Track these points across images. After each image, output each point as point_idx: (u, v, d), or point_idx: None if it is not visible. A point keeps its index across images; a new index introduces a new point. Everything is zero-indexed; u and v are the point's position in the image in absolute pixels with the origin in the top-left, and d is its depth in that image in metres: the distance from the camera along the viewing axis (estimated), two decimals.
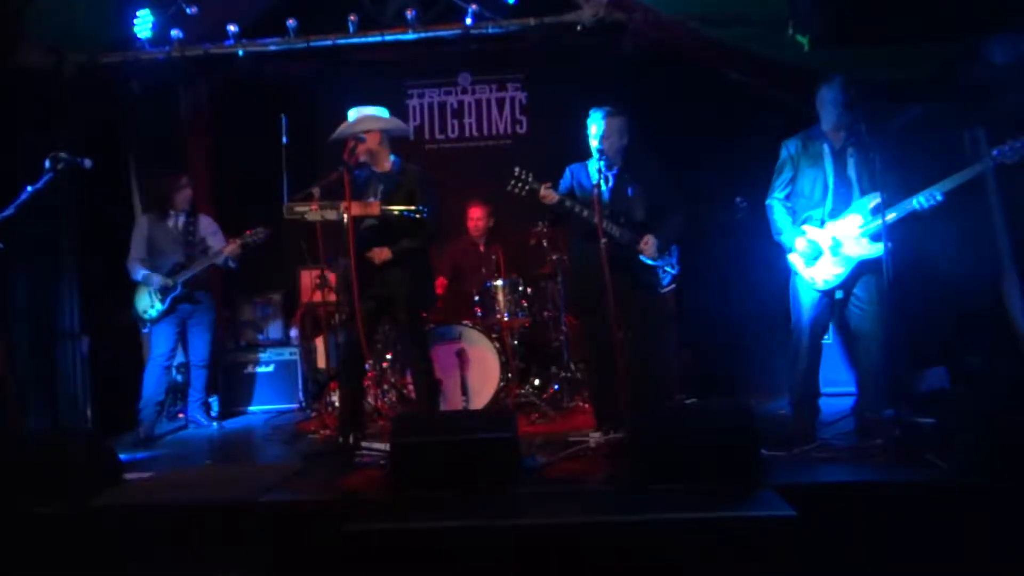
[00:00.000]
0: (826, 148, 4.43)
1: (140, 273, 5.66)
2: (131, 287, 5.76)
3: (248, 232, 5.71)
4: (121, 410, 5.68)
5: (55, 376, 5.68)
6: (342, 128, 4.86)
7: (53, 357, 5.69)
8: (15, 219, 4.66)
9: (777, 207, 4.57)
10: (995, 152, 4.12)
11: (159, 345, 5.77)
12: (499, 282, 6.01)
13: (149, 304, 5.69)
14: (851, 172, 4.40)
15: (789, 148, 4.55)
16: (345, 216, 4.60)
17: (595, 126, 4.70)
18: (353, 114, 4.91)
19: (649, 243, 4.66)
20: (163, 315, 5.69)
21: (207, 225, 6.00)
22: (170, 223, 5.84)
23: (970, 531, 3.28)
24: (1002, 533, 3.25)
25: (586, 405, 5.70)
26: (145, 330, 5.90)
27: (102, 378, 5.98)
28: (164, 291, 5.64)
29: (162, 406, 5.89)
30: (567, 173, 4.89)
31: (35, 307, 5.61)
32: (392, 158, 4.96)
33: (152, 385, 5.71)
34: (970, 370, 5.07)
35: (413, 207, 4.72)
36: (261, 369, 6.67)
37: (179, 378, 6.37)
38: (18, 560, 3.50)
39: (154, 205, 5.95)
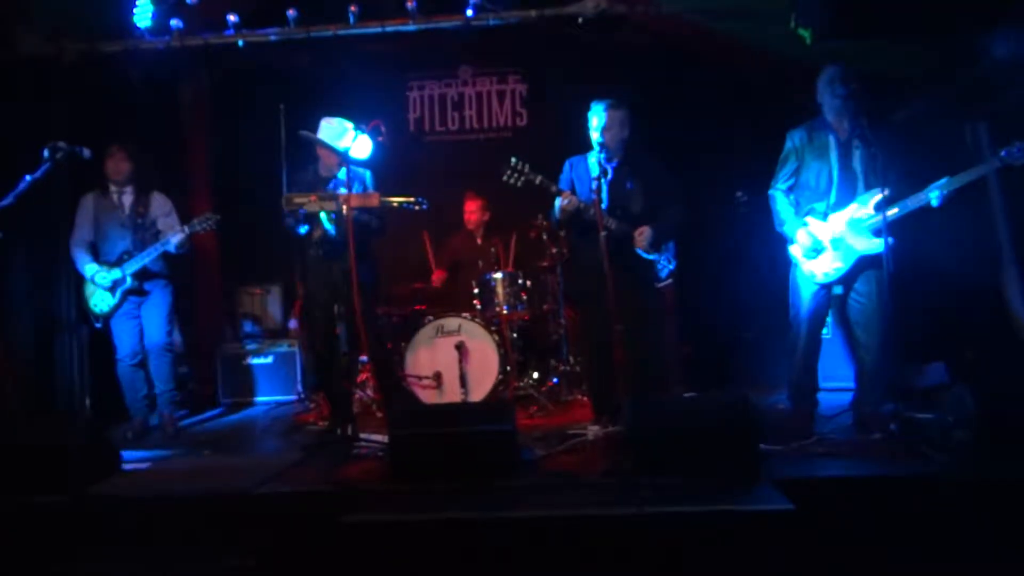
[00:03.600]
0: (832, 140, 4.41)
1: (87, 268, 5.21)
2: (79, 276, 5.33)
3: (196, 218, 5.27)
4: (119, 400, 5.66)
5: (53, 366, 5.67)
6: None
7: (51, 347, 5.69)
8: (14, 208, 4.65)
9: (780, 198, 4.56)
10: (1003, 153, 4.11)
11: (122, 345, 5.32)
12: (498, 275, 6.01)
13: (99, 299, 5.25)
14: (856, 165, 4.38)
15: (794, 139, 4.53)
16: (344, 208, 4.60)
17: (596, 118, 4.69)
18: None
19: (643, 234, 4.65)
20: (115, 310, 5.25)
21: (160, 205, 5.43)
22: (115, 199, 5.33)
23: (968, 526, 3.28)
24: (1000, 528, 3.25)
25: (584, 398, 5.70)
26: (98, 325, 5.31)
27: (100, 368, 5.97)
28: (114, 286, 5.20)
29: (150, 399, 5.51)
30: (566, 166, 4.88)
31: (33, 297, 5.61)
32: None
33: (128, 387, 5.37)
34: (969, 365, 5.07)
35: (412, 199, 4.72)
36: (260, 360, 6.67)
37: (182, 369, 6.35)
38: (15, 549, 3.50)
39: (96, 181, 5.38)
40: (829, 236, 4.37)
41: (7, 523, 3.57)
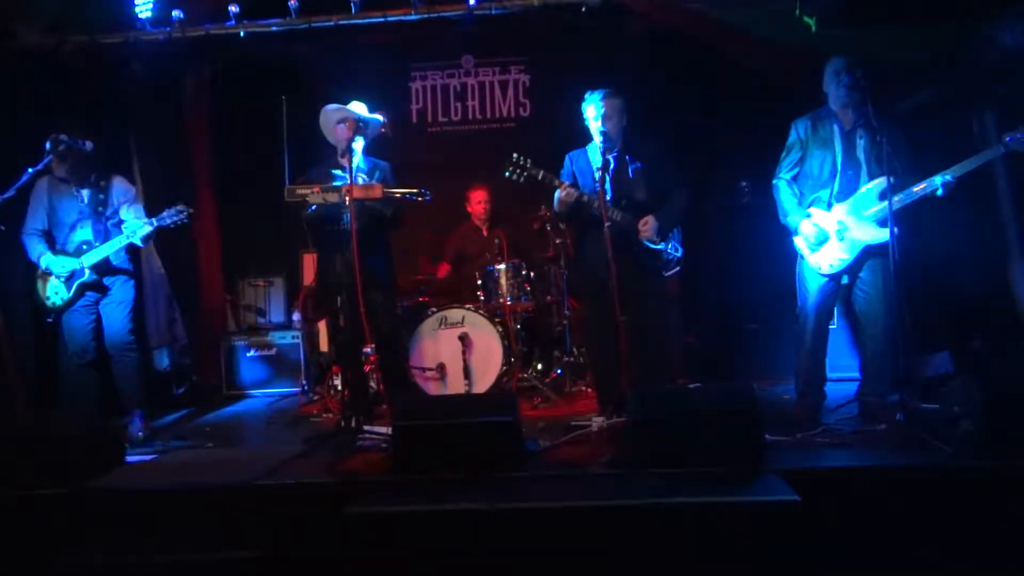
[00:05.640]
0: (836, 129, 4.38)
1: (42, 257, 4.84)
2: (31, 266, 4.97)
3: (166, 210, 4.84)
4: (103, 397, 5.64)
5: (57, 359, 5.66)
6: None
7: (54, 338, 5.68)
8: (16, 201, 4.64)
9: (783, 187, 4.53)
10: (1008, 138, 4.08)
11: (73, 340, 4.94)
12: (502, 266, 5.99)
13: (53, 291, 4.86)
14: (860, 154, 4.35)
15: (798, 128, 4.50)
16: (347, 199, 4.58)
17: (593, 108, 4.64)
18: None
19: (648, 224, 4.62)
20: (69, 304, 4.86)
21: (121, 192, 5.01)
22: (72, 186, 4.90)
23: (973, 515, 3.26)
24: (1005, 517, 3.24)
25: (588, 389, 5.69)
26: (48, 320, 4.96)
27: (105, 361, 5.96)
28: (70, 277, 4.82)
29: (106, 403, 5.07)
30: (567, 161, 4.86)
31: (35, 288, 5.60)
32: (361, 154, 4.99)
33: (72, 387, 5.03)
34: (975, 355, 5.05)
35: (415, 190, 4.71)
36: (263, 352, 6.67)
37: (166, 363, 6.31)
38: (17, 542, 3.50)
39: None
40: (833, 227, 4.34)
41: (8, 515, 3.57)
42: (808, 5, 4.89)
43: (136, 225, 4.84)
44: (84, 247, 4.86)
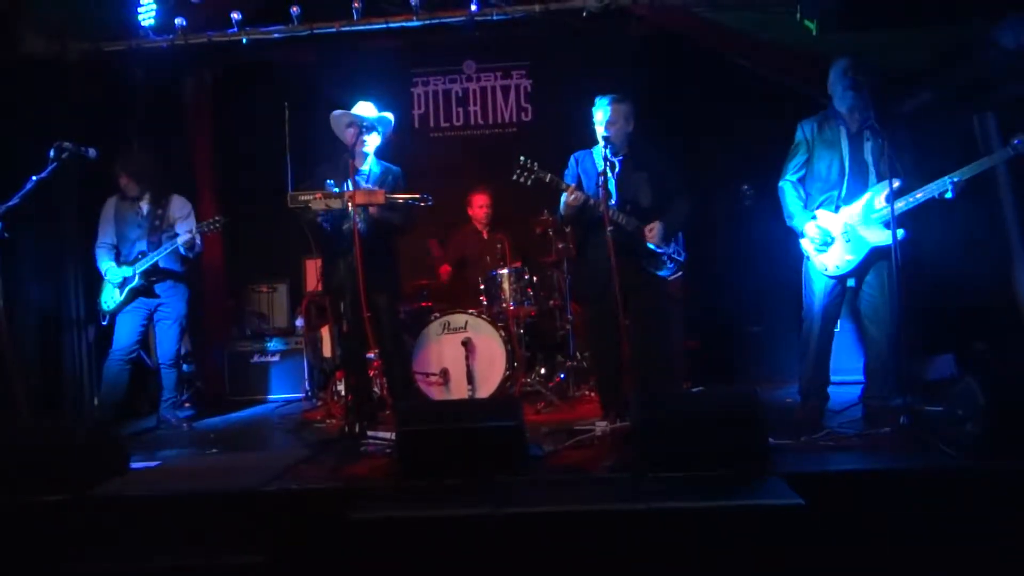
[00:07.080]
0: (843, 130, 4.38)
1: (104, 267, 5.39)
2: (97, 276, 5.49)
3: (204, 221, 5.41)
4: (126, 399, 5.66)
5: (61, 365, 5.68)
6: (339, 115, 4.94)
7: (59, 345, 5.70)
8: (20, 208, 4.66)
9: (789, 189, 4.53)
10: (1016, 141, 4.08)
11: (120, 338, 5.41)
12: (504, 271, 5.99)
13: (110, 295, 5.38)
14: (868, 156, 4.35)
15: (805, 130, 4.50)
16: (349, 204, 4.59)
17: (600, 112, 4.67)
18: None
19: (655, 230, 4.62)
20: (121, 306, 5.36)
21: (178, 208, 5.56)
22: (134, 203, 5.49)
23: (977, 518, 3.26)
24: (1008, 520, 3.23)
25: (592, 394, 5.69)
26: (104, 322, 5.46)
27: None
28: (123, 283, 5.33)
29: (119, 407, 5.49)
30: (572, 161, 4.86)
31: (40, 296, 5.62)
32: (374, 158, 5.03)
33: (110, 382, 5.40)
34: (978, 357, 5.04)
35: (417, 195, 4.71)
36: (267, 359, 6.67)
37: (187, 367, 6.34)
38: (20, 549, 3.50)
39: (104, 181, 5.54)
40: (840, 228, 4.34)
41: (12, 523, 3.57)
42: (809, 8, 4.89)
43: (179, 235, 5.33)
44: (140, 256, 5.35)
